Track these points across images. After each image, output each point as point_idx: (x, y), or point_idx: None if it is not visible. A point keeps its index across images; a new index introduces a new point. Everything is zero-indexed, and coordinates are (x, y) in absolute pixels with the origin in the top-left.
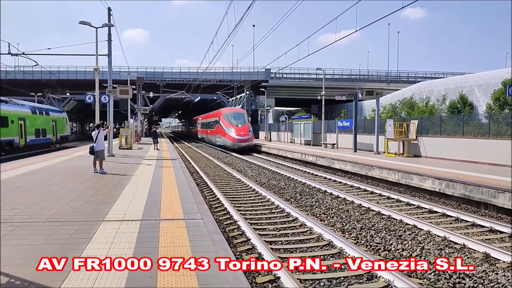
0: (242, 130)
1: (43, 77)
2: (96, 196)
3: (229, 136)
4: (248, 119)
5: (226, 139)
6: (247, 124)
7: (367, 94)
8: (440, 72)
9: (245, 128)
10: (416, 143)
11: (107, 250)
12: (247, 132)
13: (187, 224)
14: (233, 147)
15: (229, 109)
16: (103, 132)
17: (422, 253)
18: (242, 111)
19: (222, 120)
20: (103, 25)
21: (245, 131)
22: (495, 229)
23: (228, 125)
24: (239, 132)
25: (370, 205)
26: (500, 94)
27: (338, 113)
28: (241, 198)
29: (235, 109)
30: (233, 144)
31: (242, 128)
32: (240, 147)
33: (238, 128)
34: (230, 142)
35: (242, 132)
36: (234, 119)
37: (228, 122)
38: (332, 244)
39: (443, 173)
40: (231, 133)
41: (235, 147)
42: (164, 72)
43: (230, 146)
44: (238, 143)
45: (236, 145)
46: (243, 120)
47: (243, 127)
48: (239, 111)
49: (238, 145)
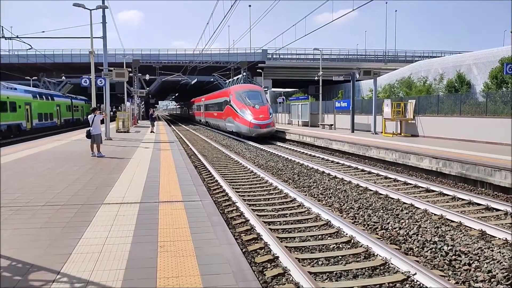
0: (261, 112)
1: (38, 60)
2: (95, 180)
3: (244, 120)
4: (267, 99)
5: (240, 123)
6: (266, 104)
7: (364, 74)
8: (438, 51)
9: (264, 110)
10: (413, 123)
11: (106, 232)
12: (267, 114)
13: (186, 206)
14: (250, 134)
15: (242, 87)
16: (99, 116)
17: (418, 231)
18: (258, 88)
19: (233, 100)
20: (97, 7)
21: (265, 114)
22: (491, 207)
23: (243, 106)
24: (257, 115)
25: (367, 185)
26: (497, 72)
27: (336, 94)
28: (240, 180)
29: (249, 86)
30: (250, 130)
31: (260, 109)
32: (259, 133)
33: (255, 109)
34: (246, 127)
35: (261, 114)
36: (250, 99)
37: (242, 103)
38: (330, 224)
39: (440, 152)
40: (247, 116)
41: (253, 134)
42: (160, 54)
43: (246, 133)
44: (257, 129)
45: (255, 131)
46: (260, 100)
47: (262, 109)
48: (255, 88)
49: (257, 132)
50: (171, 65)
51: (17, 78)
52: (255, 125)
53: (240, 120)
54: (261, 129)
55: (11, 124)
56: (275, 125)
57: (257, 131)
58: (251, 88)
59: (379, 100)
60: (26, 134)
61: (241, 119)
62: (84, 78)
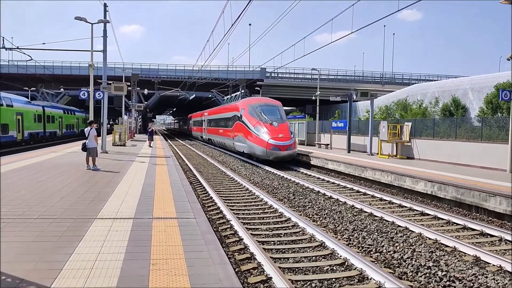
0: (281, 130)
1: (37, 71)
2: (89, 193)
3: (260, 139)
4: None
5: (254, 143)
6: (286, 121)
7: (361, 95)
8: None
9: (284, 128)
10: (409, 145)
11: (99, 248)
12: (288, 133)
13: (180, 223)
14: (267, 156)
15: (257, 100)
16: (94, 131)
17: (413, 255)
18: (276, 103)
19: (246, 116)
20: (98, 21)
21: (285, 133)
22: (486, 233)
23: (257, 122)
24: (275, 134)
25: (362, 206)
26: (492, 98)
27: (333, 114)
28: (235, 198)
29: (264, 99)
30: (267, 152)
31: (279, 127)
32: (279, 157)
33: (273, 127)
34: (261, 149)
35: (281, 133)
36: (266, 114)
37: (256, 119)
38: (325, 245)
39: (436, 176)
40: (263, 135)
41: (270, 157)
42: (159, 69)
43: (261, 155)
44: (276, 151)
45: (273, 154)
46: (279, 116)
47: (281, 127)
48: (272, 102)
49: (276, 155)
50: (170, 80)
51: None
52: (273, 146)
53: (254, 139)
54: (280, 151)
55: (51, 131)
56: (297, 146)
57: (276, 153)
58: (267, 101)
59: (376, 122)
60: (58, 139)
61: (256, 138)
62: (83, 91)
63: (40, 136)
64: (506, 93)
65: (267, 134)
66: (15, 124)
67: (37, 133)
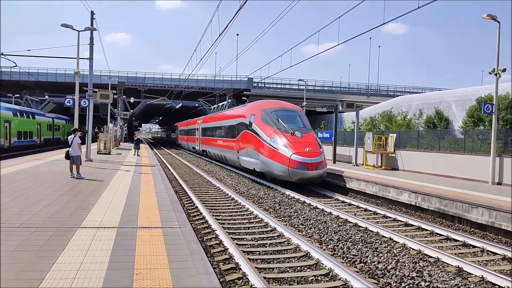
0: (306, 143)
1: (22, 78)
2: (73, 202)
3: (279, 154)
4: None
5: (269, 159)
6: (311, 131)
7: (347, 106)
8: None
9: (311, 140)
10: (394, 156)
11: (82, 257)
12: (316, 147)
13: (165, 232)
14: (289, 177)
15: (271, 103)
16: (77, 139)
17: (397, 266)
18: (295, 107)
19: (257, 123)
20: (85, 28)
21: (313, 146)
22: (468, 243)
23: (275, 132)
24: (300, 148)
25: (347, 216)
26: (474, 111)
27: (318, 124)
28: (220, 207)
29: (280, 103)
30: (290, 172)
31: (304, 139)
32: (305, 178)
33: (296, 139)
34: (281, 167)
35: (308, 147)
36: (285, 121)
37: (272, 127)
38: (310, 255)
39: (419, 187)
40: (282, 148)
41: (293, 179)
42: (146, 77)
43: (281, 176)
44: (302, 170)
45: (297, 174)
46: (302, 124)
47: (306, 138)
48: (290, 106)
49: (301, 175)
50: (157, 88)
51: None
52: (298, 163)
53: (270, 154)
54: (308, 171)
55: (57, 137)
56: (326, 164)
57: (302, 174)
58: (284, 105)
59: (361, 133)
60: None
61: (272, 153)
62: (68, 98)
63: (50, 141)
64: (488, 106)
65: (289, 147)
66: (36, 131)
67: (49, 139)
